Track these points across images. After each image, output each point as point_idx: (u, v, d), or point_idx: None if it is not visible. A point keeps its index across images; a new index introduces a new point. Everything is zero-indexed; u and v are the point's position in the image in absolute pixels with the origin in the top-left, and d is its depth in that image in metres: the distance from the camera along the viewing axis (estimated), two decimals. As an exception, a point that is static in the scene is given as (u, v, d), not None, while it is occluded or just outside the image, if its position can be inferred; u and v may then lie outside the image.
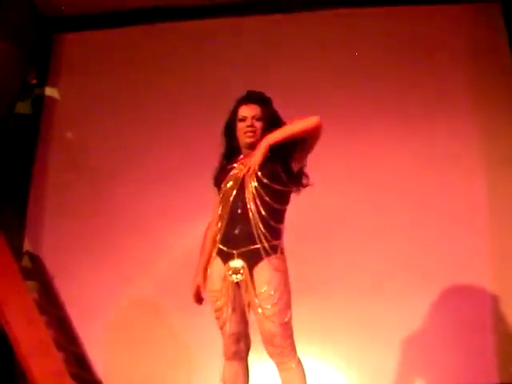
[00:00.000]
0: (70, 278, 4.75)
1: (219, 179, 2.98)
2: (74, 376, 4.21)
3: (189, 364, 4.42)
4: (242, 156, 3.00)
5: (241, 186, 2.85)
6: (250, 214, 2.79)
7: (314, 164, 2.96)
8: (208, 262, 2.92)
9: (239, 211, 2.81)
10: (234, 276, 2.78)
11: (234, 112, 3.03)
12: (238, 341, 2.84)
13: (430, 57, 4.94)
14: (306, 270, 3.86)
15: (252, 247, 2.77)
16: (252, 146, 2.93)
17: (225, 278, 2.80)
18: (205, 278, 2.92)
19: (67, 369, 4.23)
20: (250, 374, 2.92)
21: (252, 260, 2.77)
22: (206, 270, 2.93)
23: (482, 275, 4.38)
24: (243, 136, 2.96)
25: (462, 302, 4.32)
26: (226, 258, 2.81)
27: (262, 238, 2.78)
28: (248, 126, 2.94)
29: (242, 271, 2.77)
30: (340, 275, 4.19)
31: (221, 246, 2.83)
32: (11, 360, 4.23)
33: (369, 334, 4.31)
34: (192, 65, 5.16)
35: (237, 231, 2.80)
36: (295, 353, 2.80)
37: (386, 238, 4.52)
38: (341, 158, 4.70)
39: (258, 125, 2.95)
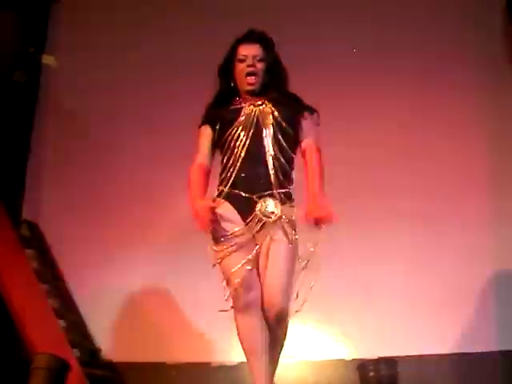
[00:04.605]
0: (69, 246, 4.75)
1: (216, 117, 2.74)
2: (73, 344, 4.21)
3: (188, 330, 4.42)
4: (241, 99, 2.77)
5: (256, 129, 2.66)
6: (269, 158, 2.63)
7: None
8: (204, 194, 2.67)
9: (257, 155, 2.63)
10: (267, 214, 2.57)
11: (233, 51, 2.77)
12: (250, 288, 2.56)
13: (432, 20, 4.89)
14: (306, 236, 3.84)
15: (269, 192, 2.60)
16: (253, 89, 2.73)
17: (251, 219, 2.58)
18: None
19: (66, 337, 4.23)
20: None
21: None
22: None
23: (483, 241, 4.35)
24: (243, 79, 2.72)
25: (462, 269, 4.30)
26: (245, 202, 2.60)
27: (279, 183, 2.63)
28: (249, 66, 2.71)
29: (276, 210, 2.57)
30: (340, 241, 4.18)
31: (238, 191, 2.62)
32: (11, 328, 4.23)
33: (370, 298, 4.30)
34: (193, 23, 5.08)
35: (255, 175, 2.62)
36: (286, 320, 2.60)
37: (386, 203, 4.48)
38: (342, 119, 4.63)
39: (260, 66, 2.72)
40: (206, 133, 2.78)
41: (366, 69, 4.77)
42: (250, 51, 2.73)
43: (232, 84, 2.78)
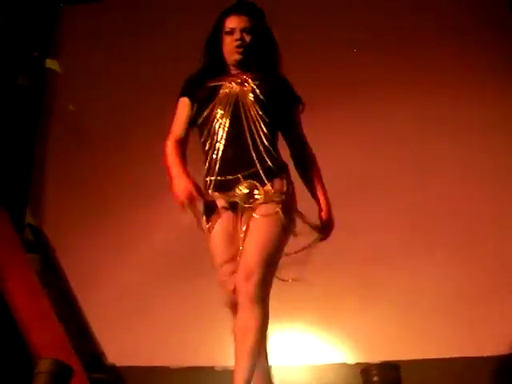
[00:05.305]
0: (73, 250, 4.75)
1: (196, 93, 2.58)
2: (75, 348, 4.20)
3: (192, 334, 4.41)
4: (228, 74, 2.61)
5: (235, 107, 2.49)
6: (251, 137, 2.46)
7: (318, 123, 2.87)
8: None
9: (238, 135, 2.47)
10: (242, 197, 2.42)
11: (220, 23, 2.59)
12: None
13: (436, 18, 4.89)
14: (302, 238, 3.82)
15: (253, 170, 2.44)
16: (241, 64, 2.57)
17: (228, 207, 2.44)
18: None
19: (70, 341, 4.23)
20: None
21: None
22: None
23: (485, 243, 4.31)
24: (231, 52, 2.55)
25: (467, 271, 4.25)
26: (226, 186, 2.47)
27: (264, 161, 2.45)
28: (237, 40, 2.52)
29: (256, 192, 2.41)
30: (343, 242, 4.17)
31: (225, 178, 2.47)
32: (14, 333, 4.22)
33: (372, 302, 4.26)
34: (195, 25, 5.09)
35: (236, 155, 2.46)
36: (264, 306, 2.36)
37: (389, 203, 4.47)
38: (342, 119, 4.68)
39: (249, 39, 2.53)
40: (184, 105, 2.65)
41: (367, 68, 4.78)
42: (238, 23, 2.56)
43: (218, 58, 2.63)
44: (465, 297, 4.20)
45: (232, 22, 2.57)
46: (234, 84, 2.53)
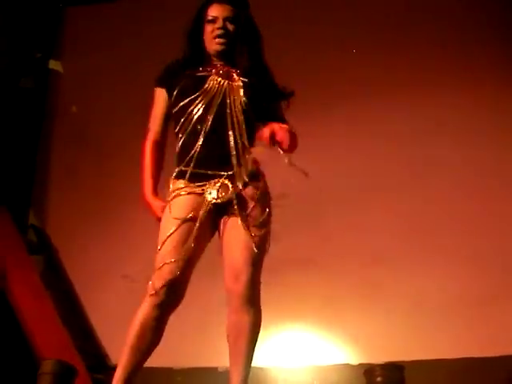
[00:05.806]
0: (75, 252, 4.76)
1: (176, 82, 2.45)
2: (79, 349, 4.21)
3: (195, 335, 4.41)
4: (207, 66, 2.50)
5: (221, 103, 2.38)
6: (232, 137, 2.36)
7: (317, 124, 2.86)
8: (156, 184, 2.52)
9: (220, 132, 2.36)
10: (213, 195, 2.32)
11: (202, 11, 2.49)
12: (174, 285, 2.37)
13: (436, 17, 4.90)
14: (304, 240, 3.81)
15: (231, 172, 2.35)
16: (223, 55, 2.47)
17: (201, 202, 2.35)
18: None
19: (73, 342, 4.23)
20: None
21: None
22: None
23: (487, 244, 4.30)
24: (212, 41, 2.45)
25: (472, 271, 4.24)
26: (201, 179, 2.38)
27: (242, 163, 2.36)
28: (219, 29, 2.43)
29: (229, 190, 2.32)
30: (339, 245, 4.17)
31: (202, 171, 2.38)
32: (18, 334, 4.23)
33: (376, 302, 4.26)
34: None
35: (215, 153, 2.36)
36: (255, 305, 2.35)
37: (390, 204, 4.47)
38: (341, 120, 4.68)
39: (231, 28, 2.44)
40: (162, 99, 2.54)
41: (366, 68, 4.79)
42: (221, 12, 2.47)
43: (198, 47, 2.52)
44: (467, 297, 4.20)
45: (215, 11, 2.49)
46: (220, 78, 2.43)
